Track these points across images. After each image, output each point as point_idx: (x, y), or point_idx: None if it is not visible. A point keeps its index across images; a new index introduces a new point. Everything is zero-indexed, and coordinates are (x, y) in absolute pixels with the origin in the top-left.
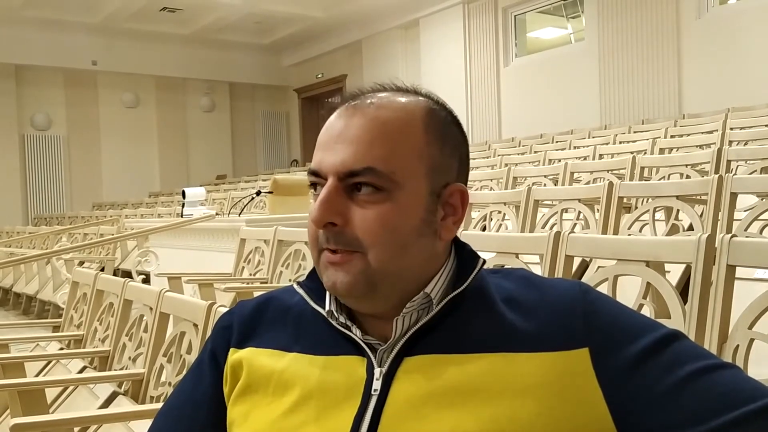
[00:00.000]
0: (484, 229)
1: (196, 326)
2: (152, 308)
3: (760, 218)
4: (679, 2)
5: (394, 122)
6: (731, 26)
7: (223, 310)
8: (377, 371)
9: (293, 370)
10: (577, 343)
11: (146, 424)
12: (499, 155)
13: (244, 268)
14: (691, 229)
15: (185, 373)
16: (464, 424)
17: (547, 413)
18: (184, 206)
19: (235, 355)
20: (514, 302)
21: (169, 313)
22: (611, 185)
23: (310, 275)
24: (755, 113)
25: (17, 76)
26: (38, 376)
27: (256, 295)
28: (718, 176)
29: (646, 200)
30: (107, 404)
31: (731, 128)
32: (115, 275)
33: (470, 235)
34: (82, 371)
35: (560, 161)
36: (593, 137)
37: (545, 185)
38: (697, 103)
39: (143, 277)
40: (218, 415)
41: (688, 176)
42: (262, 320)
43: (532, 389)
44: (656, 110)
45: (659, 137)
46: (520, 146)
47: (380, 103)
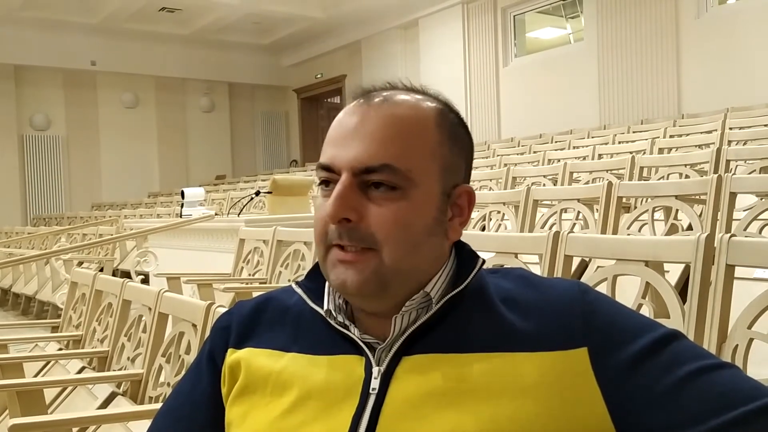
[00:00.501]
0: (483, 229)
1: (194, 326)
2: (151, 308)
3: (759, 218)
4: (678, 2)
5: (409, 120)
6: (730, 26)
7: (221, 310)
8: (375, 370)
9: (292, 370)
10: (576, 342)
11: (145, 424)
12: (498, 155)
13: (243, 268)
14: (690, 228)
15: (184, 373)
16: (463, 423)
17: (546, 413)
18: (183, 206)
19: (233, 355)
20: (512, 302)
21: (167, 313)
22: (610, 185)
23: (308, 275)
24: (754, 113)
25: (16, 76)
26: (37, 376)
27: (255, 295)
28: (717, 176)
29: (645, 200)
30: (106, 405)
31: (730, 128)
32: (114, 275)
33: (469, 234)
34: (80, 371)
35: (559, 161)
36: (592, 137)
37: (544, 185)
38: (696, 103)
39: (142, 277)
40: (216, 415)
41: (687, 176)
42: (260, 320)
43: (531, 389)
44: (655, 110)
45: (658, 137)
46: (519, 146)
47: (394, 100)
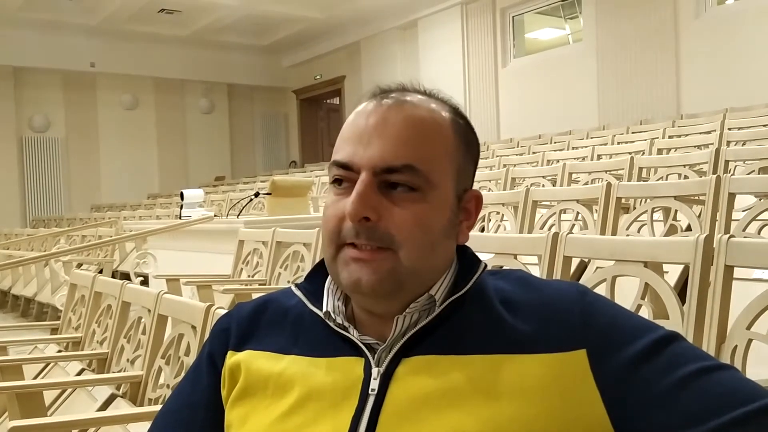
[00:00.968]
0: (482, 229)
1: (194, 328)
2: (150, 310)
3: (758, 218)
4: (677, 2)
5: (429, 123)
6: (729, 26)
7: (221, 311)
8: (374, 371)
9: (291, 372)
10: (575, 344)
11: (144, 426)
12: (497, 156)
13: (242, 269)
14: (689, 229)
15: (183, 375)
16: (463, 425)
17: (545, 414)
18: (182, 208)
19: (233, 357)
20: (512, 304)
21: (167, 315)
22: (609, 186)
23: (307, 277)
24: (753, 113)
25: (15, 77)
26: (36, 378)
27: (254, 296)
28: (716, 176)
29: (644, 201)
30: (105, 407)
31: (729, 128)
32: (113, 277)
33: (469, 235)
34: (80, 374)
35: (558, 162)
36: (591, 138)
37: (543, 186)
38: (695, 103)
39: (141, 278)
40: (216, 417)
41: (686, 177)
42: (260, 323)
43: (530, 391)
44: (654, 111)
45: (657, 138)
46: (518, 147)
47: (413, 102)
